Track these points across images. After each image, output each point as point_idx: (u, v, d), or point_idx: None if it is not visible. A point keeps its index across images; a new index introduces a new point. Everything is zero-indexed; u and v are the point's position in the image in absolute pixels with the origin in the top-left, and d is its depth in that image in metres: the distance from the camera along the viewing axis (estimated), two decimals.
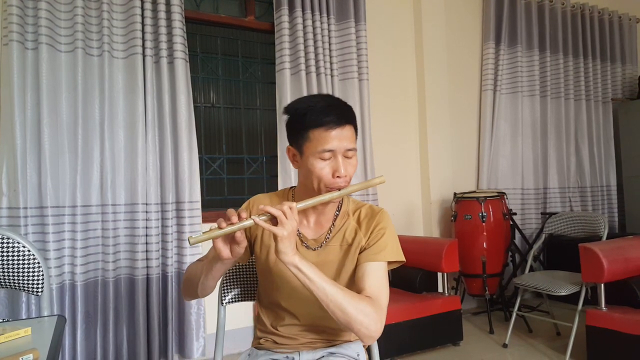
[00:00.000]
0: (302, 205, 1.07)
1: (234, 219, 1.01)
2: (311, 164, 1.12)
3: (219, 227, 1.01)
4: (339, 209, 1.26)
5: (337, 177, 1.11)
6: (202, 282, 1.16)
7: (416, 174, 3.65)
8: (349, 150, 1.13)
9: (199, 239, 1.00)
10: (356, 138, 1.18)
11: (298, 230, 1.23)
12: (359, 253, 1.20)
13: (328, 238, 1.22)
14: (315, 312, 1.20)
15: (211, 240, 1.04)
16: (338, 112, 1.13)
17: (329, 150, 1.11)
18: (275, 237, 1.01)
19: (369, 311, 1.05)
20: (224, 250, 1.05)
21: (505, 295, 3.41)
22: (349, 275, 1.20)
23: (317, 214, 1.23)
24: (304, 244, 1.22)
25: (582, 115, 4.24)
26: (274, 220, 1.02)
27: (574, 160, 4.19)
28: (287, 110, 1.18)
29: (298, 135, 1.14)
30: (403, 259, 1.21)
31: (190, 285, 1.21)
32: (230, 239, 1.05)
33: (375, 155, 3.29)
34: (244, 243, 1.05)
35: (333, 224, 1.24)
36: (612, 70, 4.49)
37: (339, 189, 1.12)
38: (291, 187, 1.31)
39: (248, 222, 1.01)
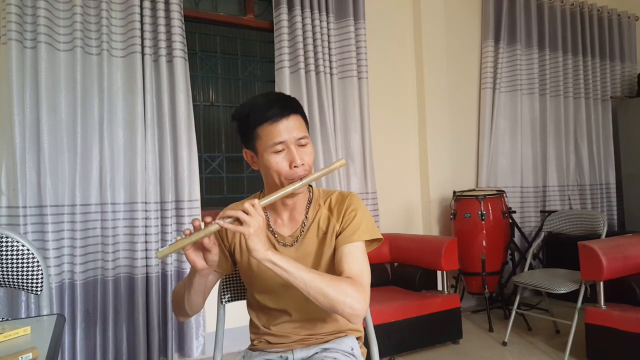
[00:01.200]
0: (266, 200, 1.07)
1: (197, 225, 1.02)
2: (267, 160, 1.13)
3: (185, 237, 1.01)
4: (310, 202, 1.26)
5: (295, 167, 1.12)
6: (186, 298, 1.17)
7: (415, 172, 3.65)
8: (300, 138, 1.14)
9: (166, 251, 1.00)
10: (307, 127, 1.19)
11: (273, 230, 1.24)
12: (336, 238, 1.20)
13: (303, 231, 1.23)
14: (304, 305, 1.20)
15: (183, 253, 1.04)
16: (280, 104, 1.14)
17: (280, 142, 1.12)
18: (244, 237, 1.01)
19: (350, 290, 1.05)
20: (198, 261, 1.05)
21: (505, 293, 3.41)
22: (328, 263, 1.20)
23: (289, 210, 1.24)
24: (280, 242, 1.23)
25: (581, 113, 4.24)
26: (239, 222, 1.02)
27: (573, 158, 4.20)
28: (233, 116, 1.20)
29: (249, 137, 1.16)
30: (379, 236, 1.21)
31: (178, 303, 1.22)
32: (201, 247, 1.05)
33: (375, 153, 3.29)
34: (215, 249, 1.06)
35: (306, 216, 1.24)
36: (612, 68, 4.49)
37: (300, 179, 1.12)
38: (260, 191, 1.32)
39: (213, 227, 1.01)
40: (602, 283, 2.38)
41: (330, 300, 1.04)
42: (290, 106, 1.15)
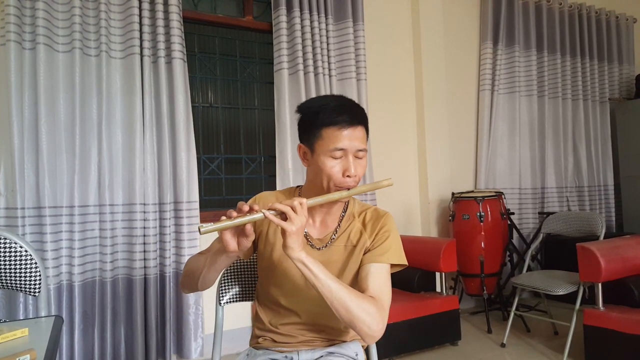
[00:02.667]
0: (312, 202, 1.07)
1: (245, 209, 1.01)
2: (322, 162, 1.13)
3: (229, 219, 1.00)
4: (344, 210, 1.26)
5: (347, 176, 1.13)
6: (203, 274, 1.16)
7: (414, 173, 3.66)
8: (360, 150, 1.15)
9: (210, 229, 0.99)
10: (367, 140, 1.19)
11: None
12: (363, 254, 1.20)
13: (333, 238, 1.23)
14: (316, 310, 1.20)
15: (217, 233, 1.03)
16: (351, 112, 1.14)
17: (341, 149, 1.12)
18: (283, 232, 1.01)
19: (372, 311, 1.06)
20: (231, 243, 1.04)
21: (503, 294, 3.41)
22: (352, 276, 1.21)
23: (323, 214, 1.24)
24: (309, 242, 1.23)
25: (579, 115, 4.24)
26: (283, 216, 1.02)
27: (572, 159, 4.20)
28: (300, 108, 1.20)
29: (310, 133, 1.16)
30: (406, 262, 1.22)
31: (191, 278, 1.20)
32: (239, 231, 1.04)
33: (374, 155, 3.29)
34: (252, 236, 1.05)
35: (339, 224, 1.24)
36: (610, 70, 4.51)
37: (348, 189, 1.13)
38: (298, 186, 1.31)
39: (258, 215, 1.01)
40: (600, 284, 2.38)
41: (352, 315, 1.04)
42: (360, 116, 1.16)
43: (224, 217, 1.01)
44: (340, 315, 1.05)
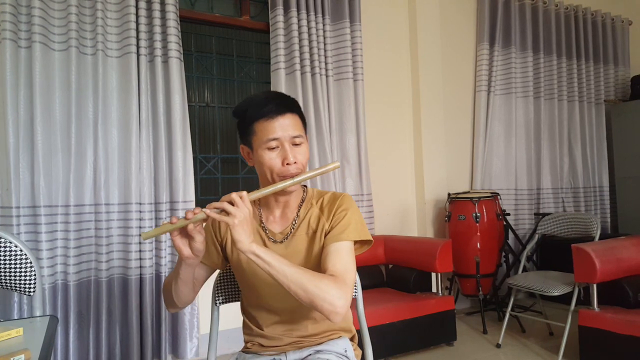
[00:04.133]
0: (257, 194, 1.08)
1: (189, 214, 1.02)
2: (260, 156, 1.14)
3: (171, 223, 1.02)
4: (303, 201, 1.27)
5: (287, 164, 1.13)
6: (174, 288, 1.17)
7: (410, 174, 3.66)
8: (295, 137, 1.15)
9: (150, 233, 1.01)
10: (304, 127, 1.20)
11: (265, 226, 1.24)
12: (325, 237, 1.20)
13: (293, 229, 1.23)
14: (291, 305, 1.21)
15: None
16: (277, 101, 1.16)
17: (274, 139, 1.13)
18: (229, 228, 1.01)
19: (330, 287, 1.04)
20: (184, 248, 1.05)
21: (499, 295, 3.42)
22: (317, 262, 1.20)
23: (281, 207, 1.25)
24: (270, 238, 1.23)
25: (575, 116, 4.26)
26: (224, 212, 1.02)
27: (567, 161, 4.22)
28: (234, 112, 1.21)
29: (245, 132, 1.18)
30: (369, 237, 1.21)
31: (168, 295, 1.22)
32: (186, 234, 1.05)
33: (370, 155, 3.30)
34: (200, 237, 1.05)
35: (297, 214, 1.25)
36: (605, 71, 4.53)
37: (292, 177, 1.13)
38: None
39: (200, 215, 1.02)
40: (595, 285, 2.39)
41: (310, 295, 1.02)
42: (287, 104, 1.17)
43: (165, 222, 1.03)
44: (300, 297, 1.04)
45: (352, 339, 1.32)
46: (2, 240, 1.38)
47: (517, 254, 3.49)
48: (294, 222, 1.24)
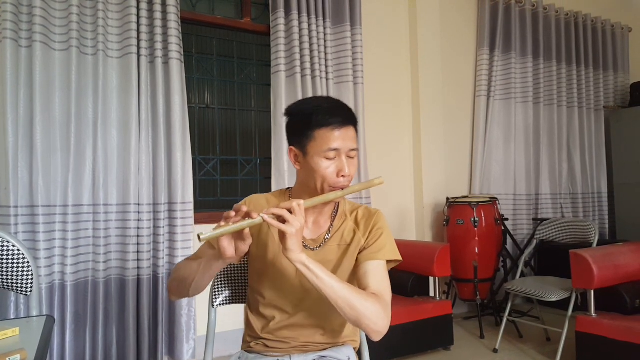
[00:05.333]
0: (309, 203, 1.08)
1: (243, 210, 1.01)
2: (316, 163, 1.14)
3: (227, 222, 1.00)
4: (336, 210, 1.27)
5: (342, 176, 1.14)
6: (196, 281, 1.14)
7: (409, 178, 3.67)
8: (352, 150, 1.16)
9: (210, 235, 0.98)
10: (357, 140, 1.21)
11: None
12: (359, 253, 1.21)
13: (327, 238, 1.24)
14: (313, 310, 1.21)
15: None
16: (343, 114, 1.17)
17: (334, 149, 1.13)
18: (282, 234, 1.01)
19: (376, 307, 1.07)
20: (229, 249, 1.03)
21: (496, 300, 3.42)
22: (347, 275, 1.22)
23: (316, 214, 1.25)
24: (303, 243, 1.22)
25: (574, 122, 4.27)
26: (281, 219, 1.02)
27: (566, 166, 4.23)
28: (291, 111, 1.21)
29: (302, 136, 1.16)
30: (400, 258, 1.23)
31: (183, 284, 1.18)
32: (237, 236, 1.04)
33: (369, 158, 3.30)
34: (250, 240, 1.05)
35: (331, 224, 1.25)
36: (605, 78, 4.54)
37: (342, 189, 1.14)
38: (287, 188, 1.31)
39: (257, 220, 1.01)
40: (592, 291, 2.39)
41: (357, 313, 1.04)
42: (351, 117, 1.19)
43: (222, 223, 1.01)
44: (346, 314, 1.05)
45: (355, 349, 1.32)
46: (0, 239, 1.38)
47: (515, 259, 3.49)
48: (328, 232, 1.24)
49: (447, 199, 3.45)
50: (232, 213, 1.01)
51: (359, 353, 1.37)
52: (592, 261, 2.34)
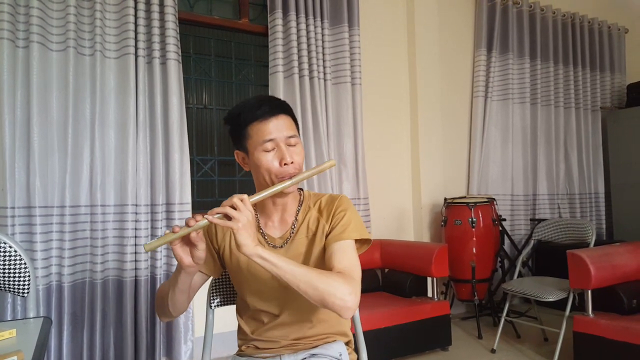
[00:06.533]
0: (257, 197, 1.07)
1: (191, 222, 1.01)
2: (257, 158, 1.15)
3: (173, 232, 1.01)
4: (300, 204, 1.28)
5: (285, 164, 1.13)
6: (170, 297, 1.15)
7: (407, 178, 3.67)
8: (290, 137, 1.16)
9: (154, 244, 0.99)
10: (297, 129, 1.21)
11: (263, 232, 1.24)
12: (325, 238, 1.21)
13: (293, 232, 1.24)
14: (295, 306, 1.21)
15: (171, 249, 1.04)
16: (269, 103, 1.17)
17: (270, 140, 1.14)
18: (233, 232, 1.01)
19: (340, 283, 1.04)
20: (185, 257, 1.05)
21: (494, 300, 3.43)
22: (317, 263, 1.21)
23: (280, 212, 1.25)
24: (269, 244, 1.24)
25: (571, 123, 4.29)
26: (228, 218, 1.02)
27: (563, 167, 4.24)
28: (225, 119, 1.22)
29: (240, 137, 1.18)
30: (368, 236, 1.22)
31: (162, 303, 1.20)
32: (188, 242, 1.04)
33: (367, 159, 3.30)
34: (202, 245, 1.05)
35: (296, 218, 1.25)
36: (602, 79, 4.56)
37: (290, 178, 1.13)
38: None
39: (202, 222, 1.01)
40: (590, 291, 2.40)
41: (320, 292, 1.02)
42: (279, 106, 1.18)
43: (167, 231, 1.02)
44: (310, 296, 1.03)
45: (347, 344, 1.32)
46: None
47: (512, 259, 3.50)
48: (293, 226, 1.24)
49: (445, 199, 3.45)
50: (177, 228, 1.01)
51: (356, 352, 1.37)
52: (589, 261, 2.34)
